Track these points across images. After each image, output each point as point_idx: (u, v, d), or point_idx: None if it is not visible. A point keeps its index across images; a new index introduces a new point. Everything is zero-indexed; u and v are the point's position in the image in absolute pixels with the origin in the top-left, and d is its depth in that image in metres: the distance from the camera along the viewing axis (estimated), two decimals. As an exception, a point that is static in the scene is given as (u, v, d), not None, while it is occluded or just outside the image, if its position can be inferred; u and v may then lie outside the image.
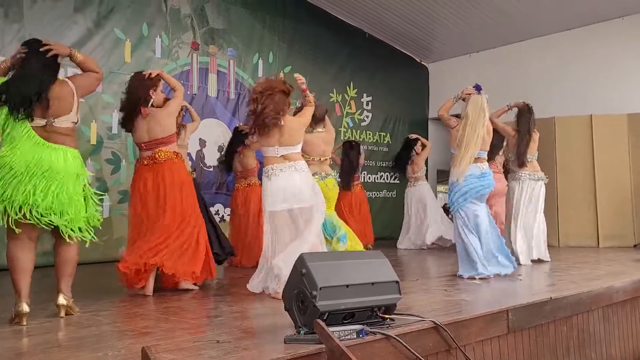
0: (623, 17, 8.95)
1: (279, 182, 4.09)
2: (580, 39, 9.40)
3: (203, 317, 3.34)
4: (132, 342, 2.68)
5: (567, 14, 9.01)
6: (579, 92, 9.23)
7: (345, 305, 2.66)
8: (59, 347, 2.64)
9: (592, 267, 5.64)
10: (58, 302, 3.38)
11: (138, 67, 7.14)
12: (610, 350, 4.24)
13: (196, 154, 7.82)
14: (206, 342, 2.66)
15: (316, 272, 2.63)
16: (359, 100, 10.21)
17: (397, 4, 9.11)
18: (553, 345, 3.70)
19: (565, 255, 6.91)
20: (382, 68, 10.55)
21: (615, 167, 8.23)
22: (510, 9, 8.96)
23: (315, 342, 2.48)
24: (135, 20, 7.26)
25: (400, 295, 2.91)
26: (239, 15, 8.40)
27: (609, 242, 8.14)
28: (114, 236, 6.66)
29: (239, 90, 8.36)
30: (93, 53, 6.81)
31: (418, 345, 2.76)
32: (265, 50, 8.73)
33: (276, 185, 4.09)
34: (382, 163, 10.53)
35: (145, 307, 3.73)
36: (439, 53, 11.04)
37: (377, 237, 9.74)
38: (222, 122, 8.02)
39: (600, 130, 8.34)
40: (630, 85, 8.79)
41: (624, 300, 4.44)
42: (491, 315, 3.26)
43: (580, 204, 8.33)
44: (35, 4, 6.42)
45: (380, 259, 2.98)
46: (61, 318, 3.31)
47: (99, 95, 6.85)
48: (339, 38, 9.77)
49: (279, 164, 4.14)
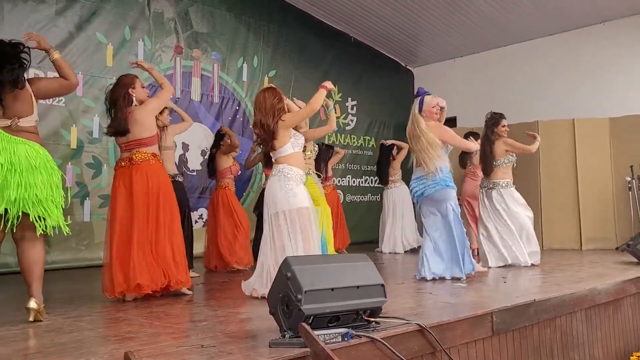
0: (605, 23, 9.07)
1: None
2: (563, 44, 9.51)
3: (187, 322, 3.31)
4: (115, 348, 2.65)
5: (551, 19, 9.12)
6: (562, 97, 9.34)
7: (330, 309, 2.65)
8: (40, 353, 2.60)
9: (575, 269, 5.69)
10: (28, 306, 3.34)
11: (120, 71, 7.09)
12: (593, 351, 4.28)
13: (179, 158, 7.77)
14: (190, 346, 2.64)
15: (301, 276, 2.61)
16: (343, 104, 10.24)
17: (383, 8, 9.15)
18: (537, 347, 3.71)
19: (548, 258, 6.96)
20: (368, 72, 10.59)
21: (598, 170, 8.31)
22: (495, 14, 9.05)
23: (300, 345, 2.47)
24: (118, 24, 7.22)
25: (386, 298, 2.91)
26: (223, 19, 8.38)
27: (591, 244, 8.21)
28: (95, 241, 6.61)
29: (223, 94, 8.33)
30: (74, 57, 6.77)
31: (403, 348, 2.76)
32: (250, 54, 8.71)
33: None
34: (366, 167, 10.56)
35: (129, 312, 3.69)
36: (424, 58, 11.11)
37: (362, 240, 9.78)
38: (205, 126, 8.00)
39: (583, 134, 8.42)
40: (612, 90, 8.91)
41: (606, 302, 4.48)
42: (476, 317, 3.27)
43: (563, 207, 8.40)
44: (16, 7, 6.35)
45: (365, 262, 2.97)
46: (30, 322, 3.30)
47: (80, 99, 6.80)
48: (324, 42, 9.79)
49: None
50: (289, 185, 4.07)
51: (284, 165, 4.14)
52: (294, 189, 4.07)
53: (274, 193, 4.09)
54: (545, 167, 8.52)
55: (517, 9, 8.84)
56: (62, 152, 6.60)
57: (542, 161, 8.54)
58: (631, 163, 8.10)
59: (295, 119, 4.26)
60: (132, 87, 4.37)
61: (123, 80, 4.41)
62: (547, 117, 8.88)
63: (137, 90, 4.38)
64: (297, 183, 4.12)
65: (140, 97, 4.40)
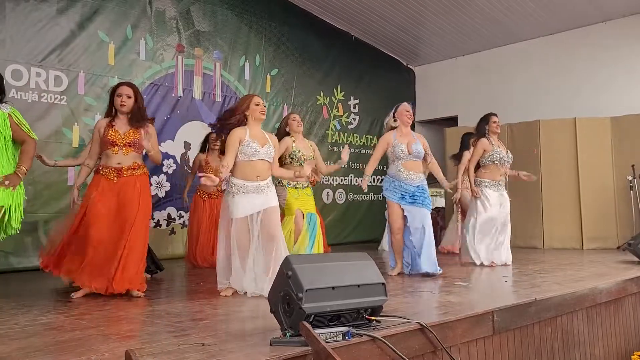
0: (606, 22, 9.06)
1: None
2: (564, 43, 9.50)
3: (188, 320, 3.31)
4: (116, 346, 2.65)
5: (552, 18, 9.11)
6: (563, 96, 9.33)
7: (331, 308, 2.65)
8: (41, 351, 2.60)
9: (576, 268, 5.69)
10: None
11: (122, 69, 7.13)
12: (594, 350, 4.28)
13: (181, 156, 7.78)
14: (191, 345, 2.64)
15: (302, 274, 2.62)
16: (346, 103, 10.23)
17: (384, 7, 9.14)
18: (538, 346, 3.72)
19: (549, 257, 6.96)
20: (369, 71, 10.58)
21: (599, 169, 8.32)
22: (497, 13, 9.04)
23: (301, 344, 2.48)
24: (120, 23, 7.22)
25: (386, 297, 2.91)
26: (225, 18, 8.38)
27: (592, 244, 8.22)
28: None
29: (225, 92, 8.33)
30: (76, 55, 6.78)
31: (404, 346, 2.76)
32: (252, 53, 8.71)
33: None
34: (368, 166, 10.55)
35: (130, 311, 3.69)
36: (426, 57, 11.10)
37: (364, 240, 9.79)
38: (207, 125, 7.98)
39: (584, 133, 8.43)
40: (613, 89, 8.89)
41: (607, 301, 4.48)
42: (476, 316, 3.27)
43: (564, 206, 8.40)
44: (18, 6, 6.35)
45: (366, 260, 2.97)
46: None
47: (81, 97, 6.81)
48: (326, 41, 9.79)
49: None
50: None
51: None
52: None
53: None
54: (546, 166, 8.52)
55: (518, 8, 8.83)
56: (63, 151, 6.60)
57: (543, 160, 8.55)
58: (632, 162, 8.11)
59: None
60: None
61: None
62: (548, 116, 8.88)
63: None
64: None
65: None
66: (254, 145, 4.29)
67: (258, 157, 4.29)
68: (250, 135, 4.33)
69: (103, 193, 4.28)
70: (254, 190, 4.28)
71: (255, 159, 4.29)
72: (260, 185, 4.30)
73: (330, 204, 9.73)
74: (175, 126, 7.76)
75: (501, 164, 6.21)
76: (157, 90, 7.57)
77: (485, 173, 6.24)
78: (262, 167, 4.34)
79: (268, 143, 4.40)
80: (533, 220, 8.50)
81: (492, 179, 6.20)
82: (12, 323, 3.28)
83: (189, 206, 6.95)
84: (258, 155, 4.29)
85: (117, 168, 4.34)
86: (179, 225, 7.69)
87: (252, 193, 4.27)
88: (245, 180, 4.28)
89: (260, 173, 4.33)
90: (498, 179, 6.23)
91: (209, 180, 4.04)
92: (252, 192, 4.27)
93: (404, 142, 5.50)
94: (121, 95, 4.39)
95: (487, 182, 6.19)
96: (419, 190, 5.43)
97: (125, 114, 4.42)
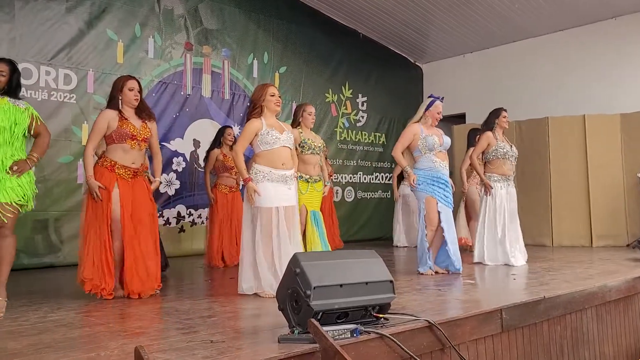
0: (616, 18, 8.99)
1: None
2: (573, 39, 9.45)
3: (197, 317, 3.32)
4: (125, 343, 2.67)
5: (561, 15, 9.05)
6: (572, 93, 9.28)
7: (339, 305, 2.66)
8: (51, 348, 2.62)
9: (585, 266, 5.66)
10: None
11: (130, 67, 7.15)
12: (604, 348, 4.25)
13: (190, 154, 7.80)
14: (200, 342, 2.65)
15: (310, 272, 2.62)
16: (354, 101, 10.23)
17: (392, 4, 9.12)
18: (547, 344, 3.70)
19: (558, 255, 6.93)
20: (377, 69, 10.57)
21: (608, 166, 8.26)
22: (505, 9, 8.99)
23: (309, 341, 2.48)
24: (128, 21, 7.25)
25: (394, 294, 2.91)
26: (233, 16, 8.39)
27: (602, 241, 8.17)
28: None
29: (234, 90, 8.35)
30: (85, 54, 6.81)
31: (412, 344, 2.76)
32: (260, 51, 8.73)
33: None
34: (377, 164, 10.55)
35: (139, 308, 3.71)
36: (433, 54, 11.07)
37: (373, 237, 9.80)
38: (216, 123, 8.01)
39: (594, 130, 8.37)
40: (623, 86, 8.83)
41: (617, 299, 4.45)
42: (485, 314, 3.26)
43: (574, 204, 8.35)
44: (27, 5, 6.39)
45: (374, 258, 2.97)
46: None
47: (90, 95, 6.84)
48: (334, 39, 9.78)
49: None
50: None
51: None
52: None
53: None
54: (556, 163, 8.47)
55: (527, 4, 8.78)
56: (73, 149, 6.64)
57: (552, 157, 8.50)
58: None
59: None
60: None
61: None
62: (557, 113, 8.83)
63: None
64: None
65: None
66: (274, 133, 4.26)
67: (280, 144, 4.26)
68: (267, 125, 4.31)
69: (125, 197, 4.20)
70: (279, 179, 4.22)
71: (277, 146, 4.26)
72: (285, 175, 4.26)
73: (339, 202, 9.73)
74: (184, 124, 7.79)
75: (506, 158, 6.20)
76: (166, 88, 7.60)
77: (493, 168, 6.23)
78: (286, 155, 4.32)
79: (286, 130, 4.40)
80: (542, 217, 8.46)
81: (501, 173, 6.19)
82: (22, 320, 3.31)
83: (213, 201, 6.62)
84: (280, 142, 4.26)
85: (134, 169, 4.28)
86: (188, 223, 7.72)
87: (277, 182, 4.22)
88: (272, 167, 4.23)
89: (285, 160, 4.29)
90: (507, 174, 6.21)
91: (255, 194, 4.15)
92: (278, 181, 4.22)
93: (434, 134, 5.48)
94: (133, 89, 4.33)
95: (496, 177, 6.19)
96: (449, 188, 5.44)
97: (134, 108, 4.42)
